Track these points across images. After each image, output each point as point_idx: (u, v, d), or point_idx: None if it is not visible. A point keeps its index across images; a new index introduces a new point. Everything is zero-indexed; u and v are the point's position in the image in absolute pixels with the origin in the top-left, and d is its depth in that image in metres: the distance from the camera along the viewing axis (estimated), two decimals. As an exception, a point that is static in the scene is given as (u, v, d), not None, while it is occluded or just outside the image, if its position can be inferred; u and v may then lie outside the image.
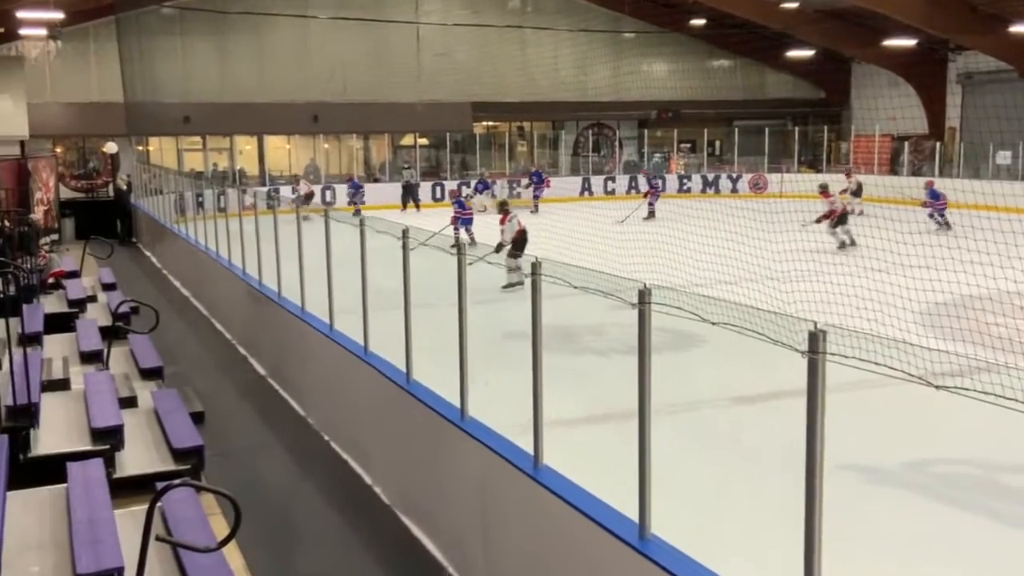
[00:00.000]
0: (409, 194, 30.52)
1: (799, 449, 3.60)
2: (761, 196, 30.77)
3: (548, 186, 29.74)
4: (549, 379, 5.38)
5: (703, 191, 33.65)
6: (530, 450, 5.39)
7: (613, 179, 34.15)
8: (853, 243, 18.45)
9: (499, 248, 8.83)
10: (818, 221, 18.69)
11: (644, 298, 4.38)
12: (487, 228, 15.15)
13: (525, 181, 31.18)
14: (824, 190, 19.76)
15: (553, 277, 5.18)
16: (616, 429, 7.67)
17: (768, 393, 8.88)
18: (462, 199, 22.16)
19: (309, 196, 26.03)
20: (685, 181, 34.33)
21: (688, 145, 36.81)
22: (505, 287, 12.63)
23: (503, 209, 15.64)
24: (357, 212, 14.29)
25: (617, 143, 36.54)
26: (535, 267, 5.24)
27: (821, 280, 10.01)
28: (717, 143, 37.41)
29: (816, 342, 3.47)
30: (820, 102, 37.44)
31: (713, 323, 4.10)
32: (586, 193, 32.90)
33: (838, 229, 18.79)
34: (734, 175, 34.23)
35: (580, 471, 5.22)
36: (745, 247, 11.91)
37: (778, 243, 12.35)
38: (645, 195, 27.18)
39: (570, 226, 13.35)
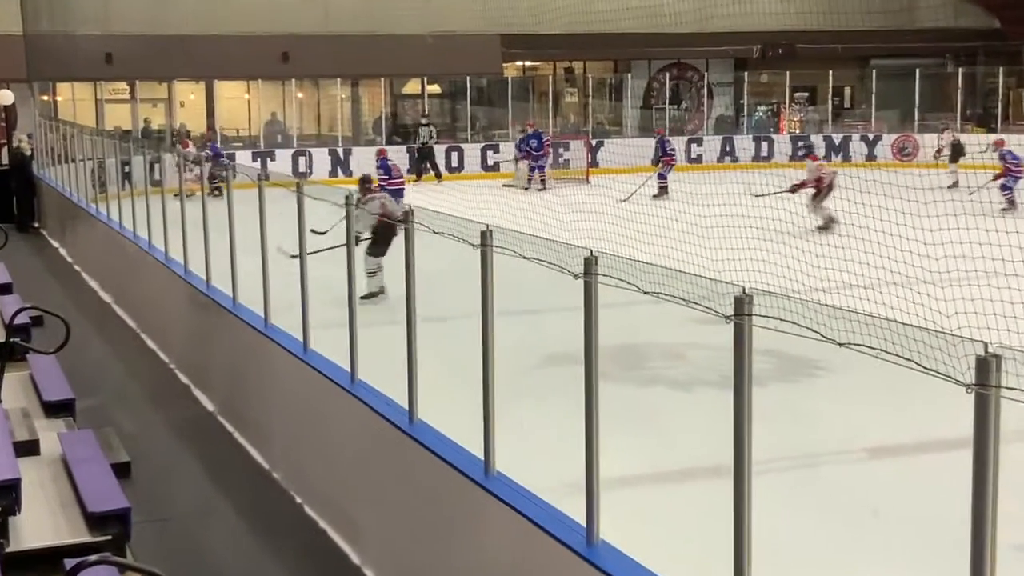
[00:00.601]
0: (426, 159, 30.71)
1: (961, 520, 3.56)
2: (909, 165, 30.54)
3: (548, 154, 29.65)
4: (608, 420, 5.37)
5: (826, 158, 33.37)
6: (581, 519, 5.38)
7: (699, 142, 34.01)
8: (832, 222, 19.43)
9: (357, 241, 9.05)
10: (793, 190, 20.65)
11: (743, 308, 4.36)
12: (543, 207, 15.03)
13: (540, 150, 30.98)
14: (810, 151, 23.01)
15: (614, 278, 5.17)
16: (701, 491, 7.64)
17: (916, 443, 8.80)
18: (388, 161, 22.38)
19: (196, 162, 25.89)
20: (801, 145, 34.09)
21: (805, 94, 36.55)
22: (364, 297, 12.62)
23: (364, 186, 15.79)
24: (217, 191, 14.35)
25: (705, 91, 36.44)
26: (589, 264, 5.24)
27: (995, 284, 9.89)
28: (846, 91, 37.12)
29: (987, 371, 3.43)
30: (993, 34, 37.07)
31: (839, 344, 4.07)
32: (661, 162, 32.79)
33: (818, 206, 20.37)
34: (871, 136, 33.98)
35: (651, 549, 5.20)
36: (886, 237, 11.82)
37: (935, 231, 12.24)
38: (657, 164, 27.39)
39: (630, 207, 13.33)
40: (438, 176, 30.54)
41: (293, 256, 9.49)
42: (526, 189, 27.63)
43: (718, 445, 4.55)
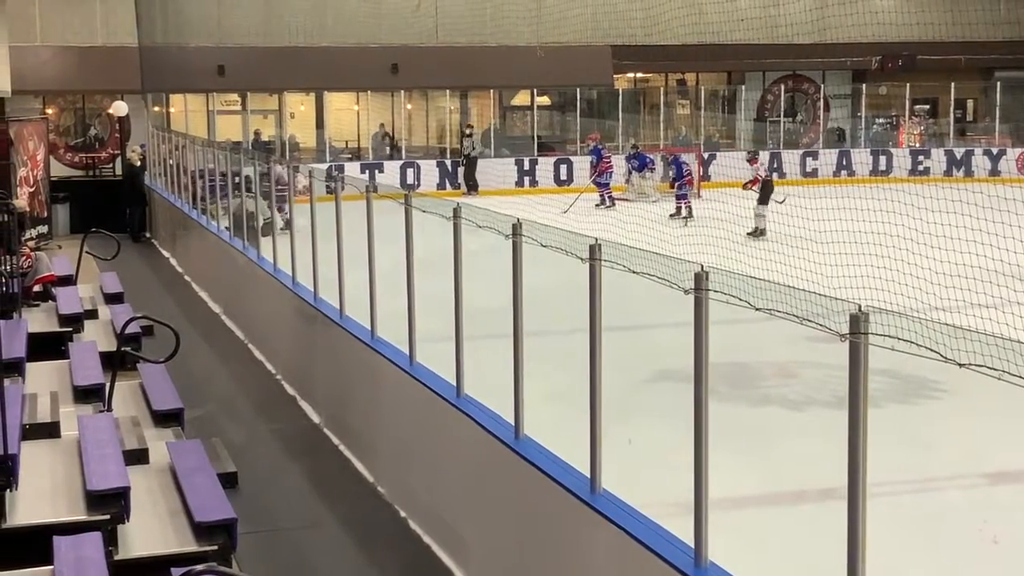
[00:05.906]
0: (468, 170, 30.91)
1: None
2: (1035, 180, 29.85)
3: (610, 169, 29.41)
4: (718, 439, 5.33)
5: (947, 173, 32.86)
6: (689, 540, 5.35)
7: (815, 155, 33.65)
8: (762, 232, 22.28)
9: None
10: (744, 186, 24.21)
11: (859, 326, 4.31)
12: (645, 224, 14.96)
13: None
14: (753, 157, 25.48)
15: (725, 294, 5.14)
16: (813, 514, 7.54)
17: (1041, 469, 8.61)
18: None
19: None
20: (921, 159, 33.59)
21: (926, 107, 35.94)
22: None
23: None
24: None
25: (821, 104, 36.03)
26: (699, 279, 5.21)
27: None
28: (969, 104, 36.40)
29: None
30: (1125, 44, 36.13)
31: (959, 364, 4.00)
32: (775, 175, 32.50)
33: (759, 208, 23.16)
34: (994, 150, 33.31)
35: (761, 573, 5.15)
36: (1010, 255, 11.59)
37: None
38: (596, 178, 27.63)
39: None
40: (470, 190, 30.39)
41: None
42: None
43: (831, 467, 4.49)
